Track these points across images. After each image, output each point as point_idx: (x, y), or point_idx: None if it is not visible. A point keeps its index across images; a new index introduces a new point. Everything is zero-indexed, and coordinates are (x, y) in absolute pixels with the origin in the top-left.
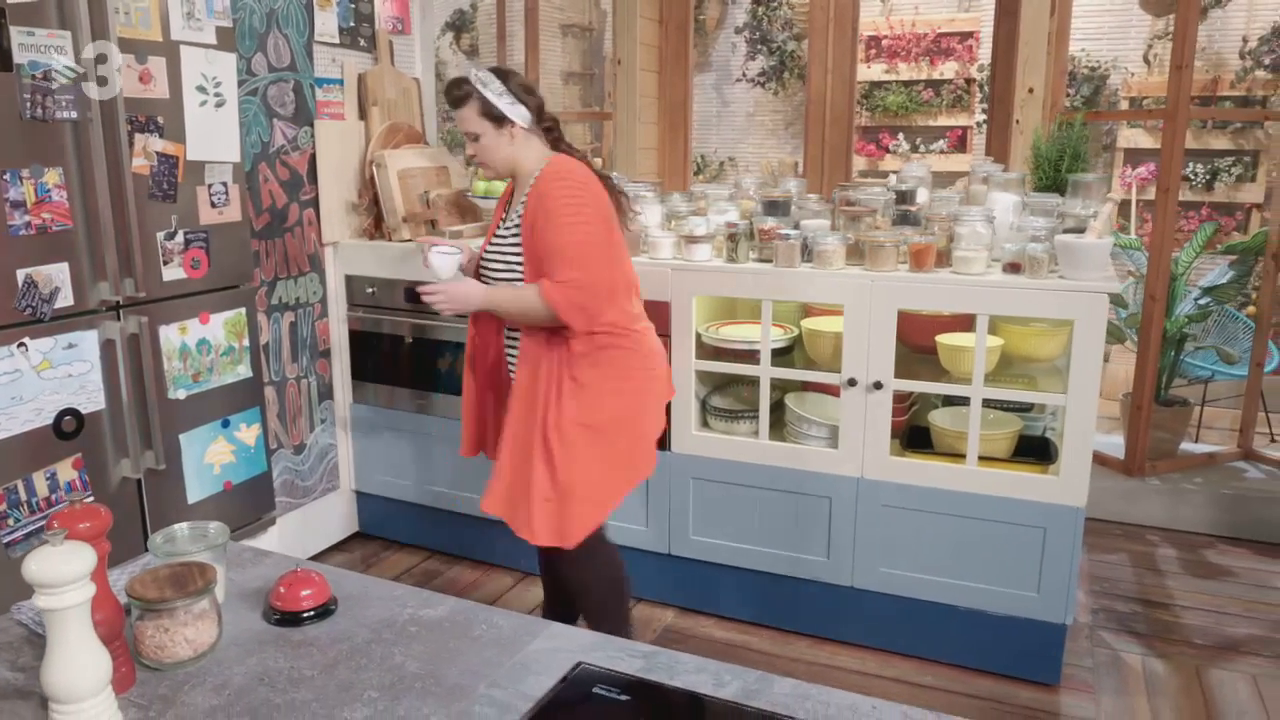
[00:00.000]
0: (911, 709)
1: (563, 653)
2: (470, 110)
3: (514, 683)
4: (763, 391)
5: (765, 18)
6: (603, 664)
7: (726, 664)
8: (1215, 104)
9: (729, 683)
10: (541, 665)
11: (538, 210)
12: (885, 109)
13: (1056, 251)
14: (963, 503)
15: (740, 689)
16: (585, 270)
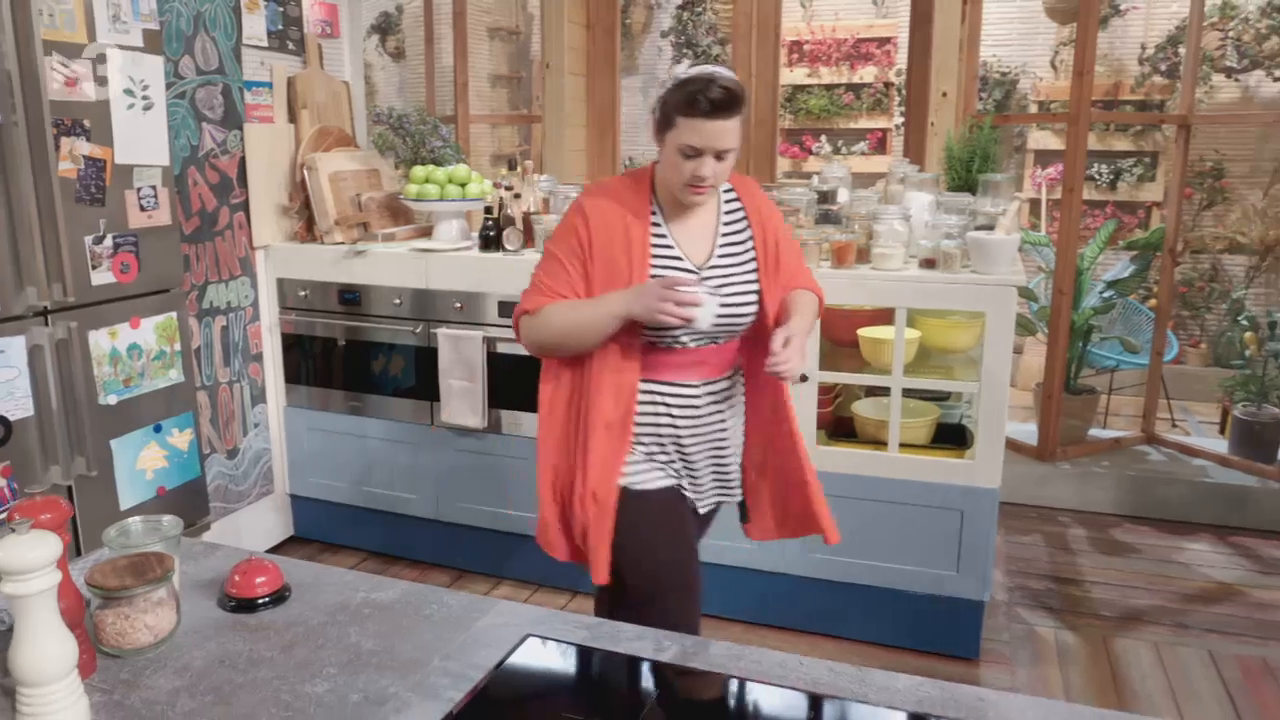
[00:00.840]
0: (836, 663)
1: (511, 626)
2: (736, 122)
3: (466, 655)
4: None
5: (690, 22)
6: (550, 635)
7: (665, 631)
8: (1117, 108)
9: (668, 647)
10: (491, 639)
11: (769, 223)
12: (808, 112)
13: (968, 247)
14: (885, 488)
15: (679, 652)
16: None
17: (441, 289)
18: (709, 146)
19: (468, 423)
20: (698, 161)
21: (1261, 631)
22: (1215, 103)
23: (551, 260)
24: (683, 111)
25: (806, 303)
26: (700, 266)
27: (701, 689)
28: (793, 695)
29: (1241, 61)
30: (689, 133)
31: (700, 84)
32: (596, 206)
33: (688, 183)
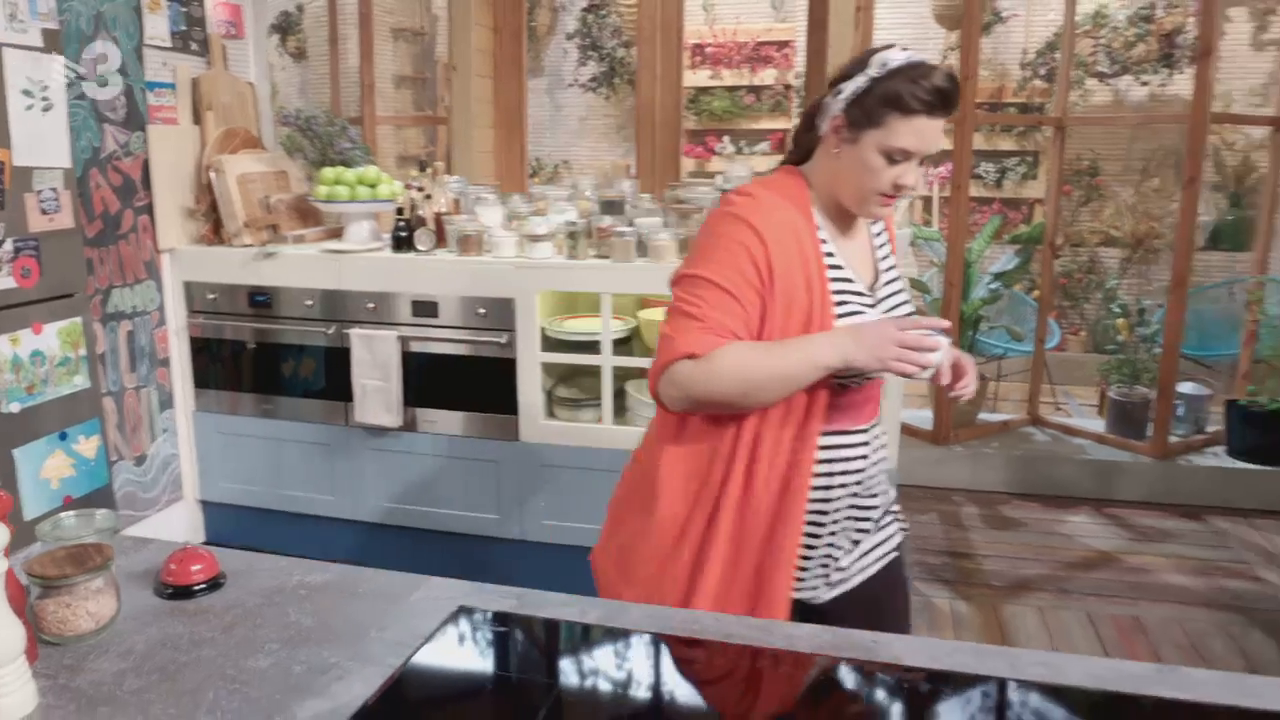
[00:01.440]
0: (745, 618)
1: (444, 599)
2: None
3: (402, 626)
4: (605, 380)
5: (595, 25)
6: (481, 605)
7: (590, 597)
8: (1001, 109)
9: (591, 611)
10: (426, 611)
11: (892, 237)
12: (711, 113)
13: None
14: None
15: (602, 615)
16: None
17: (353, 290)
18: (922, 149)
19: (383, 422)
20: (904, 167)
21: (1134, 593)
22: (1090, 105)
23: (713, 290)
24: (900, 106)
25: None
26: (871, 289)
27: (624, 647)
28: (705, 646)
29: (1113, 67)
30: (905, 133)
31: (924, 71)
32: (768, 220)
33: (883, 192)
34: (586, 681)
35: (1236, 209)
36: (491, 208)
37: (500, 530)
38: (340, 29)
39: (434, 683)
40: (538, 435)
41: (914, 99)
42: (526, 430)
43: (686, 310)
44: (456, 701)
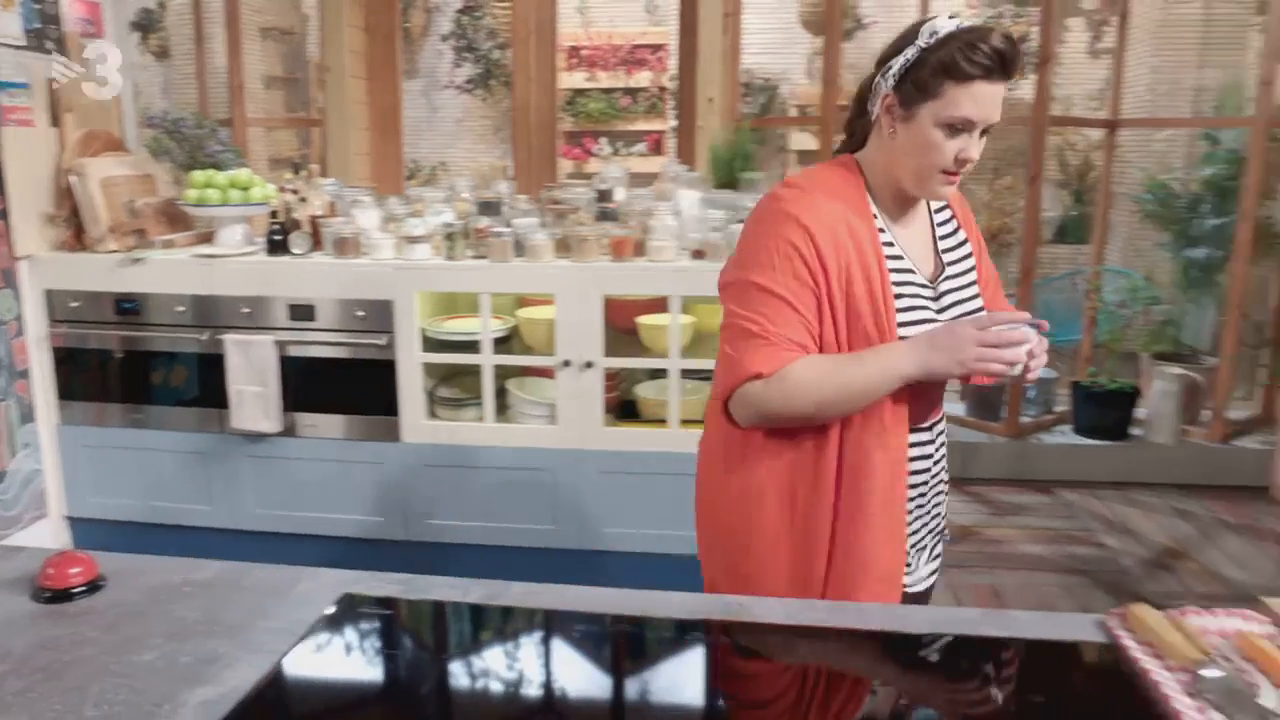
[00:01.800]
0: (626, 590)
1: (329, 588)
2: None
3: (288, 615)
4: (485, 379)
5: (470, 26)
6: (366, 591)
7: (472, 579)
8: None
9: (474, 591)
10: (311, 600)
11: (974, 227)
12: (588, 115)
13: (731, 239)
14: (670, 462)
15: (484, 594)
16: None
17: (227, 294)
18: (984, 118)
19: (261, 428)
20: (966, 139)
21: (992, 563)
22: None
23: (769, 300)
24: (955, 73)
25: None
26: (933, 281)
27: (504, 622)
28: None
29: None
30: (963, 100)
31: (979, 34)
32: (816, 213)
33: (946, 169)
34: (472, 657)
35: (1079, 204)
36: (368, 210)
37: (385, 532)
38: (206, 28)
39: (323, 665)
40: (420, 436)
41: (970, 63)
42: (408, 431)
43: (746, 327)
44: (346, 682)
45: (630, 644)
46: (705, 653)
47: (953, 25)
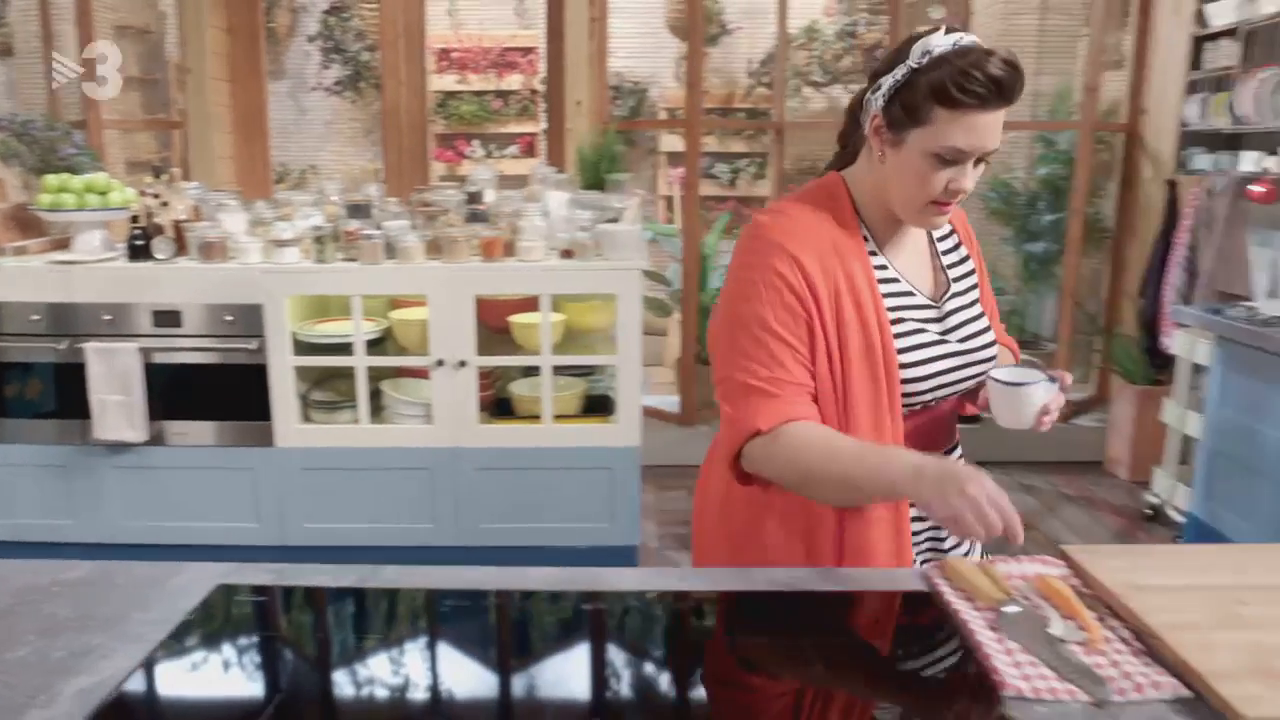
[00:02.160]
0: (495, 568)
1: (203, 580)
2: (1004, 112)
3: (163, 607)
4: (359, 381)
5: (338, 27)
6: (241, 581)
7: (344, 565)
8: (732, 115)
9: (345, 576)
10: (186, 592)
11: (976, 245)
12: (460, 117)
13: (599, 238)
14: (544, 456)
15: (356, 579)
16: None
17: (86, 302)
18: (978, 148)
19: (126, 437)
20: (958, 170)
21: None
22: (810, 110)
23: (759, 339)
24: (947, 100)
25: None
26: (937, 301)
27: (377, 604)
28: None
29: (825, 76)
30: (955, 129)
31: (976, 57)
32: (800, 238)
33: (936, 199)
34: (345, 638)
35: None
36: (234, 214)
37: (261, 538)
38: (55, 25)
39: (200, 650)
40: (294, 440)
41: (964, 91)
42: (282, 436)
43: (744, 381)
44: (223, 666)
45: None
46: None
47: (948, 44)
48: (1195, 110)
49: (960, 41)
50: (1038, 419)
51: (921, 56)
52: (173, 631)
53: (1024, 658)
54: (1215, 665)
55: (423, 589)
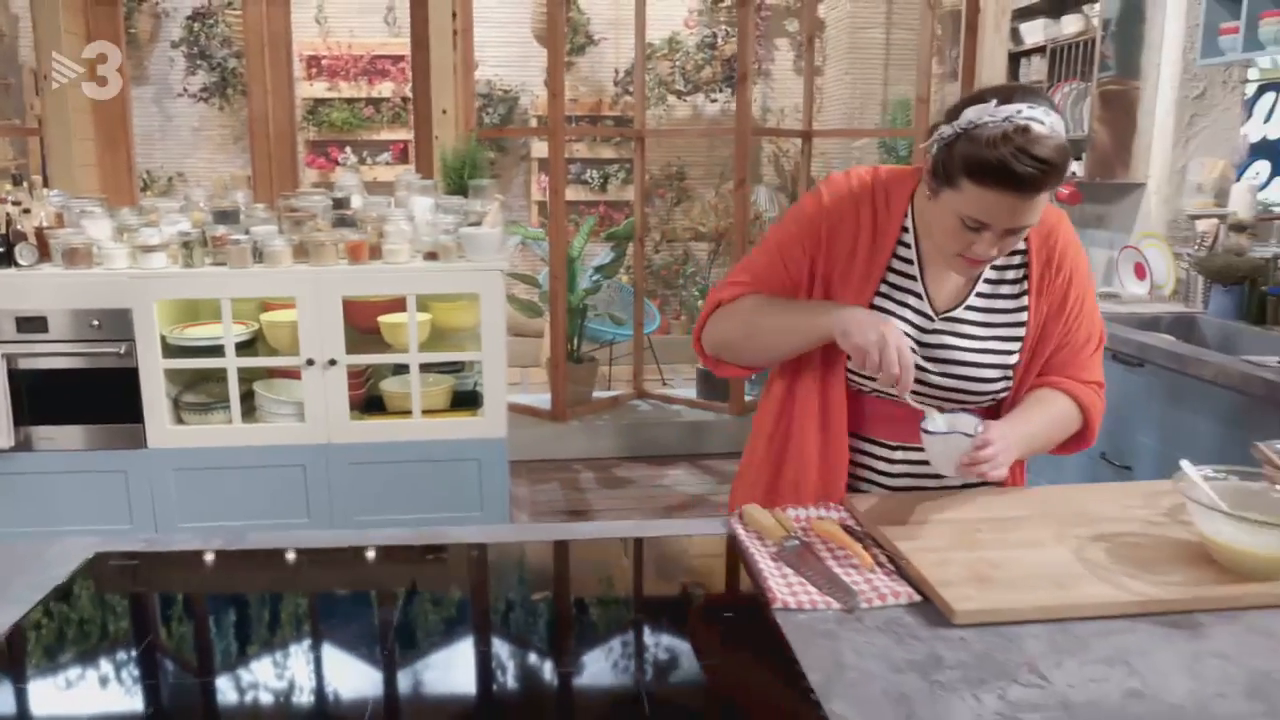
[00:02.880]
0: (347, 530)
1: (82, 549)
2: (1047, 197)
3: (42, 573)
4: (231, 382)
5: (203, 33)
6: (116, 549)
7: (212, 529)
8: (600, 122)
9: (214, 540)
10: (66, 559)
11: (1064, 274)
12: (331, 124)
13: (462, 241)
14: (414, 450)
15: (224, 541)
16: (1102, 371)
17: None
18: (998, 224)
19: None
20: (979, 236)
21: None
22: (675, 119)
23: (763, 252)
24: (974, 176)
25: (1045, 410)
26: (940, 313)
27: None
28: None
29: (687, 86)
30: (976, 204)
31: (1010, 148)
32: (845, 193)
33: (961, 254)
34: (213, 591)
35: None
36: (99, 220)
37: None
38: None
39: (78, 608)
40: (167, 441)
41: (974, 165)
42: (155, 437)
43: (737, 269)
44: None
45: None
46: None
47: (996, 119)
48: None
49: (1009, 120)
50: (956, 469)
51: (966, 124)
52: (50, 591)
53: (795, 579)
54: (944, 576)
55: (281, 548)
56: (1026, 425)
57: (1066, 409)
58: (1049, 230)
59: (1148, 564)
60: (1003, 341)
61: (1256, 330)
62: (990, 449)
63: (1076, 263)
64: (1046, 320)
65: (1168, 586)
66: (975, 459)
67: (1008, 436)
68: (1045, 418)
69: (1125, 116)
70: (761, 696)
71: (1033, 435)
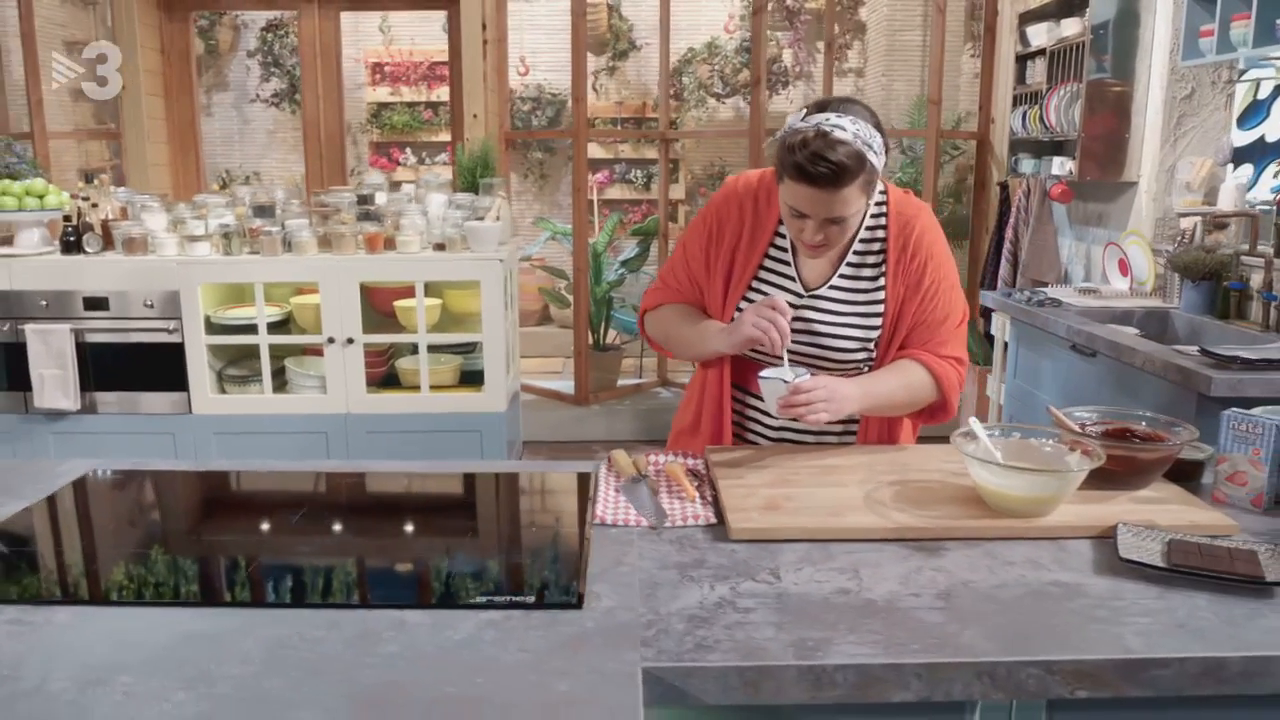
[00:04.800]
0: (334, 460)
1: (78, 470)
2: (849, 191)
3: (47, 483)
4: (263, 357)
5: (275, 43)
6: (108, 467)
7: (191, 461)
8: (645, 125)
9: (182, 465)
10: (64, 476)
11: (920, 257)
12: (393, 127)
13: (465, 233)
14: (423, 421)
15: (191, 465)
16: (965, 348)
17: (26, 289)
18: (812, 213)
19: (62, 406)
20: (804, 224)
21: None
22: (718, 120)
23: (678, 250)
24: (785, 173)
25: (896, 374)
26: (809, 290)
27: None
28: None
29: (725, 88)
30: (793, 196)
31: (806, 152)
32: (736, 189)
33: (799, 239)
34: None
35: None
36: (156, 214)
37: None
38: (3, 40)
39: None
40: (209, 408)
41: (787, 168)
42: (198, 404)
43: (659, 275)
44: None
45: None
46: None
47: (793, 123)
48: (1019, 121)
49: (808, 126)
50: (780, 408)
51: (785, 130)
52: (52, 491)
53: (623, 503)
54: (741, 504)
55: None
56: (871, 384)
57: (918, 375)
58: (907, 220)
59: (922, 503)
60: (863, 318)
61: (1220, 325)
62: (803, 395)
63: (933, 249)
64: (904, 299)
65: (925, 518)
66: (790, 401)
67: (835, 390)
68: (894, 380)
69: (1119, 117)
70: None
71: (877, 394)
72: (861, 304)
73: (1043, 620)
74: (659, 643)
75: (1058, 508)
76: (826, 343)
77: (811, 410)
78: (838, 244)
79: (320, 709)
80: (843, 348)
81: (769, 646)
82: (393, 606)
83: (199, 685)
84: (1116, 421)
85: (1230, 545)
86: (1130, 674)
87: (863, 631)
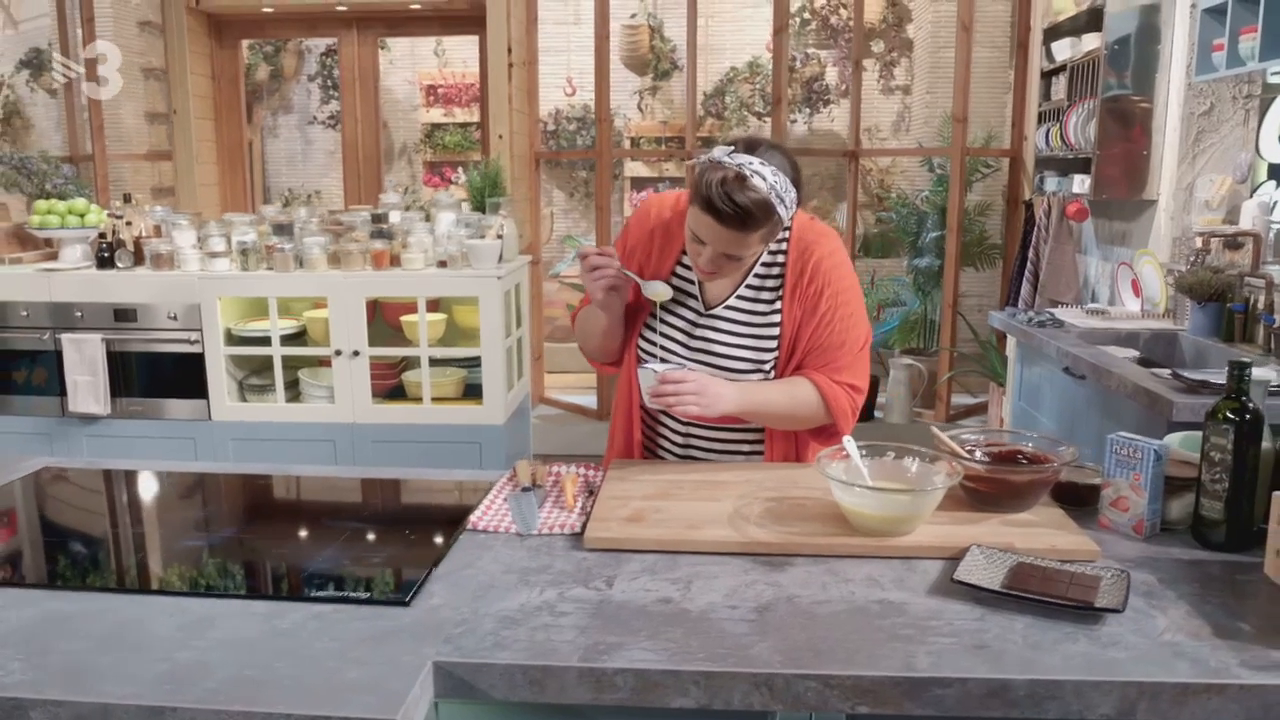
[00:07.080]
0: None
1: (34, 466)
2: (749, 236)
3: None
4: (276, 368)
5: (334, 67)
6: (61, 465)
7: (142, 460)
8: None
9: (144, 467)
10: (14, 471)
11: (816, 284)
12: (445, 147)
13: (466, 251)
14: (425, 432)
15: (141, 465)
16: (865, 375)
17: (64, 301)
18: (710, 242)
19: (93, 410)
20: (702, 249)
21: None
22: None
23: None
24: (696, 201)
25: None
26: (709, 309)
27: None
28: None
29: (766, 107)
30: (696, 222)
31: (720, 189)
32: (650, 214)
33: (693, 261)
34: (130, 502)
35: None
36: (185, 231)
37: None
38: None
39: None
40: (227, 415)
41: (697, 194)
42: (217, 411)
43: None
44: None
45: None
46: None
47: (718, 156)
48: (1043, 138)
49: (732, 164)
50: (650, 398)
51: (709, 159)
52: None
53: (502, 510)
54: (607, 515)
55: (204, 473)
56: (752, 388)
57: (804, 391)
58: (806, 247)
59: (786, 519)
60: (758, 339)
61: (1224, 348)
62: (671, 385)
63: (830, 276)
64: (800, 323)
65: (779, 534)
66: (659, 391)
67: (706, 385)
68: (776, 390)
69: (1139, 134)
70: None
71: (754, 399)
72: (758, 325)
73: (842, 636)
74: (460, 640)
75: (917, 527)
76: (721, 362)
77: (681, 401)
78: (729, 275)
79: (127, 682)
80: (737, 368)
81: (561, 649)
82: (235, 596)
83: (35, 658)
84: (1008, 444)
85: (1076, 570)
86: (912, 692)
87: (660, 639)
